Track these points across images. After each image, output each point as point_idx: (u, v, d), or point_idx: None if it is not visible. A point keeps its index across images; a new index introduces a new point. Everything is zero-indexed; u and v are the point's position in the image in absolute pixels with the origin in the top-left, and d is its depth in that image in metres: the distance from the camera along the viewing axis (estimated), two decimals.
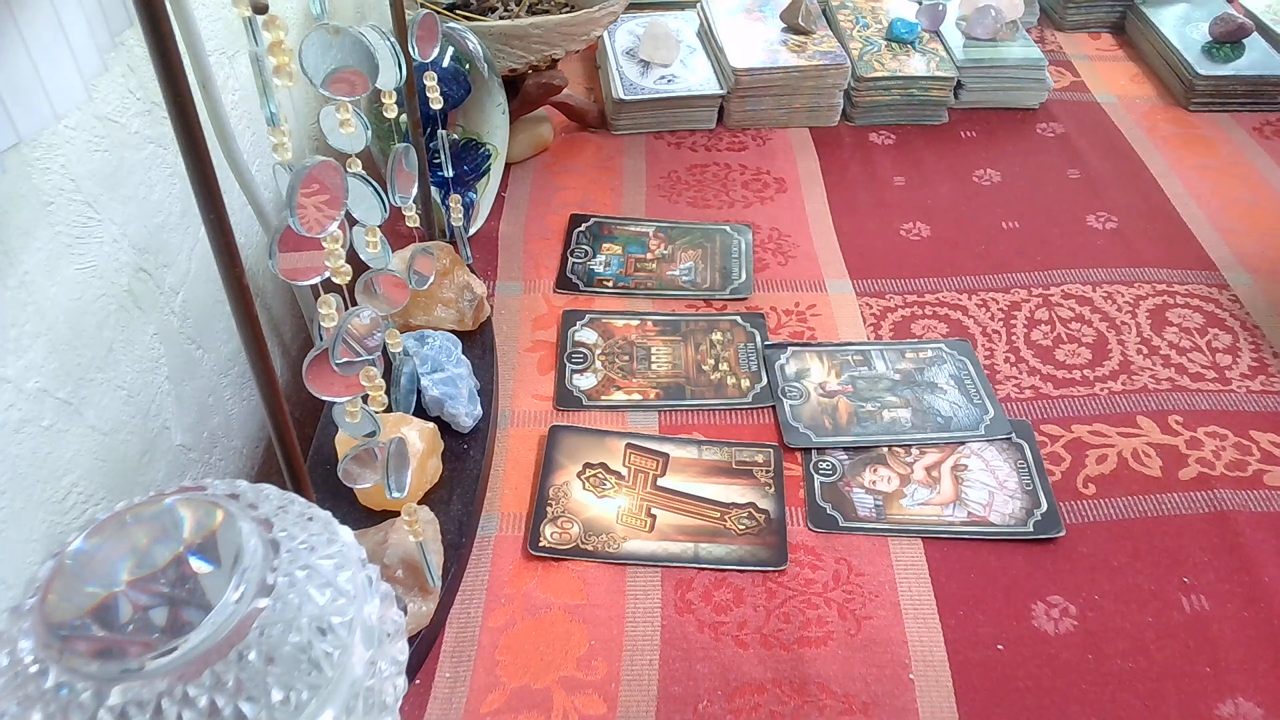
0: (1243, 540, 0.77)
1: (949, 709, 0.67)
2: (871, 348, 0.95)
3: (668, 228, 1.10)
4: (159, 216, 0.71)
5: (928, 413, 0.88)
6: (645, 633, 0.72)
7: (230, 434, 0.83)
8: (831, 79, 1.25)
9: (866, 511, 0.80)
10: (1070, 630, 0.72)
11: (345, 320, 0.56)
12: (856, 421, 0.87)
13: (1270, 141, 1.25)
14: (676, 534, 0.78)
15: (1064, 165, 1.21)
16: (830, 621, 0.72)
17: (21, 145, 0.55)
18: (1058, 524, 0.78)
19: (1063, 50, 1.44)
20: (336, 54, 0.60)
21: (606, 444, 0.85)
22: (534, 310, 0.99)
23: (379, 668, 0.42)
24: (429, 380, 0.83)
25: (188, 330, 0.75)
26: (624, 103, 1.22)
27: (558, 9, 1.21)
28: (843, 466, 0.83)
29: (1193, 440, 0.86)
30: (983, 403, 0.89)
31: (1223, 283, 1.03)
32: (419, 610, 0.70)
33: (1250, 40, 1.32)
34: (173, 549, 0.39)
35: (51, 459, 0.58)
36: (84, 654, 0.36)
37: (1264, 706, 0.67)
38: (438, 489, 0.79)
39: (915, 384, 0.91)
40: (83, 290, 0.61)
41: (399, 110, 0.78)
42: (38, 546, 0.56)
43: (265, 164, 0.86)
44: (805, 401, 0.89)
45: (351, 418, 0.60)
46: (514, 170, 1.18)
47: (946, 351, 0.94)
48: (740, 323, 0.97)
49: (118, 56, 0.65)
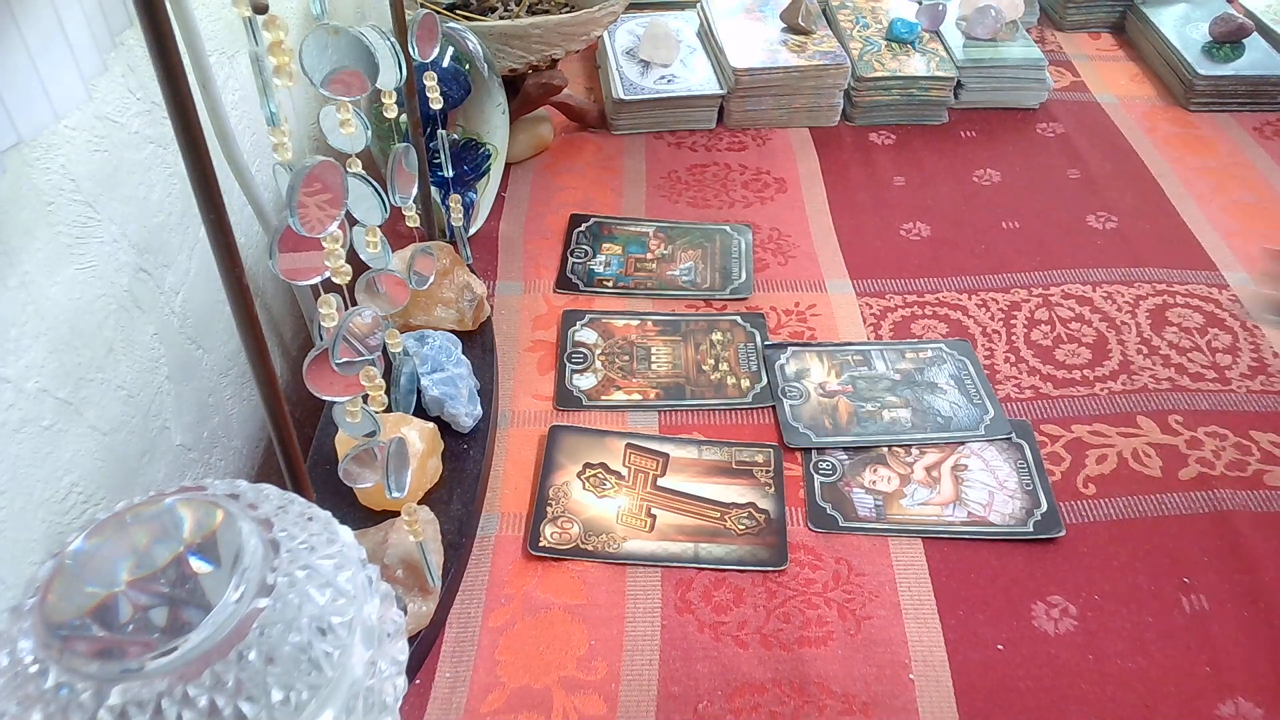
0: (1243, 540, 0.77)
1: (949, 709, 0.67)
2: (871, 348, 0.95)
3: (668, 228, 1.10)
4: (159, 216, 0.71)
5: (928, 413, 0.88)
6: (645, 633, 0.72)
7: (230, 434, 0.83)
8: (831, 79, 1.25)
9: (866, 511, 0.80)
10: (1070, 630, 0.72)
11: (345, 320, 0.56)
12: (857, 421, 0.87)
13: (1270, 141, 1.25)
14: (676, 534, 0.78)
15: (1064, 165, 1.21)
16: (830, 621, 0.72)
17: (21, 145, 0.55)
18: (1058, 524, 0.78)
19: (1063, 50, 1.44)
20: (336, 54, 0.60)
21: (606, 444, 0.85)
22: (534, 310, 0.99)
23: (379, 668, 0.42)
24: (429, 380, 0.83)
25: (188, 330, 0.75)
26: (624, 103, 1.22)
27: (558, 9, 1.21)
28: (843, 466, 0.83)
29: (1193, 440, 0.86)
30: (983, 403, 0.89)
31: (1223, 283, 1.03)
32: (419, 610, 0.70)
33: (1250, 40, 1.32)
34: (173, 549, 0.39)
35: (51, 459, 0.58)
36: (84, 654, 0.36)
37: (1264, 706, 0.67)
38: (438, 489, 0.79)
39: (915, 384, 0.91)
40: (83, 290, 0.61)
41: (399, 110, 0.78)
42: (38, 546, 0.56)
43: (265, 164, 0.86)
44: (805, 401, 0.89)
45: (351, 418, 0.60)
46: (514, 170, 1.18)
47: (946, 351, 0.94)
48: (740, 323, 0.97)
49: (118, 56, 0.65)
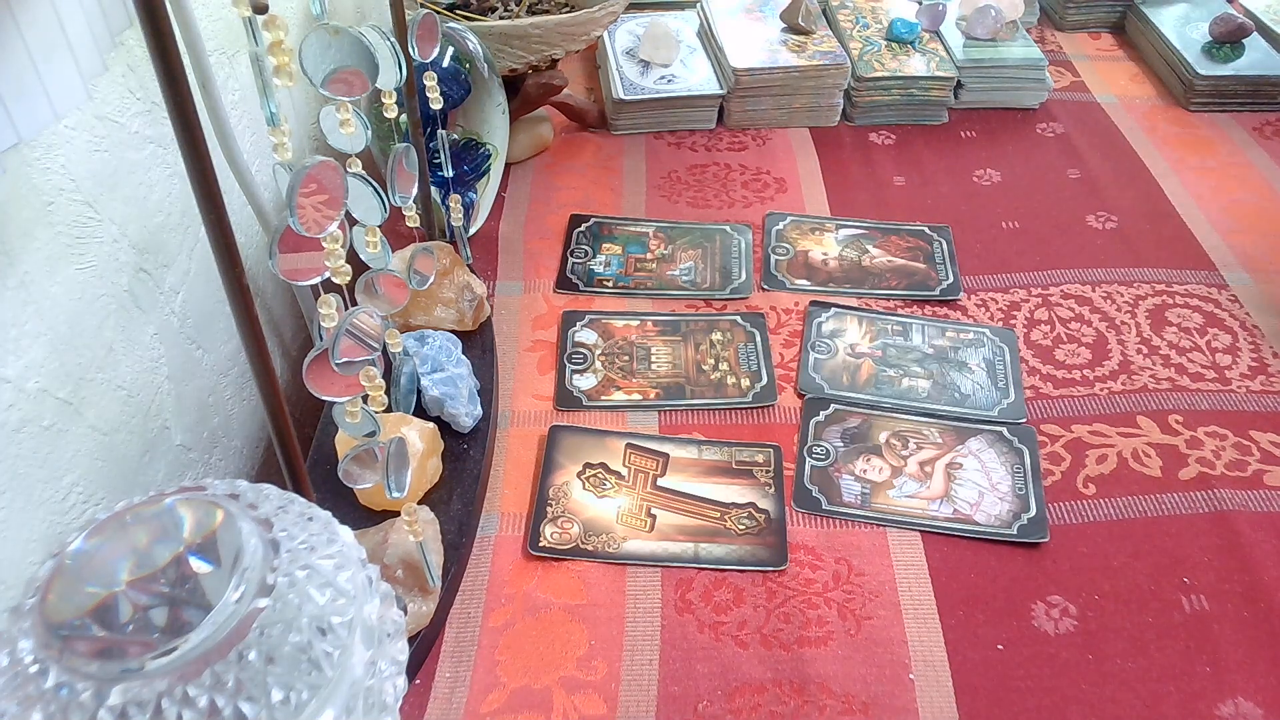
0: (1243, 540, 0.77)
1: (949, 709, 0.67)
2: (913, 320, 0.97)
3: (668, 228, 1.10)
4: (159, 216, 0.71)
5: (948, 387, 0.89)
6: (645, 633, 0.72)
7: (230, 434, 0.83)
8: (831, 79, 1.25)
9: (851, 498, 0.80)
10: (1070, 630, 0.72)
11: (346, 320, 0.56)
12: (874, 384, 0.89)
13: (1270, 141, 1.25)
14: (676, 534, 0.78)
15: (1064, 165, 1.21)
16: (830, 621, 0.72)
17: (21, 145, 0.55)
18: (1043, 530, 0.78)
19: (1063, 50, 1.44)
20: (336, 54, 0.60)
21: (606, 444, 0.85)
22: (534, 310, 0.99)
23: (379, 668, 0.42)
24: (429, 380, 0.83)
25: (188, 330, 0.75)
26: (624, 103, 1.22)
27: (558, 9, 1.21)
28: (836, 453, 0.84)
29: (1193, 440, 0.86)
30: (1006, 388, 0.89)
31: (1222, 283, 1.03)
32: (419, 610, 0.70)
33: (1250, 40, 1.32)
34: (173, 549, 0.39)
35: (51, 459, 0.58)
36: (84, 654, 0.36)
37: (1264, 706, 0.67)
38: (438, 489, 0.79)
39: (945, 360, 0.92)
40: (83, 290, 0.61)
41: (399, 110, 0.78)
42: (38, 546, 0.56)
43: (265, 164, 0.86)
44: (832, 357, 0.91)
45: (351, 418, 0.60)
46: (514, 170, 1.18)
47: (989, 337, 0.95)
48: (740, 323, 0.97)
49: (118, 56, 0.65)
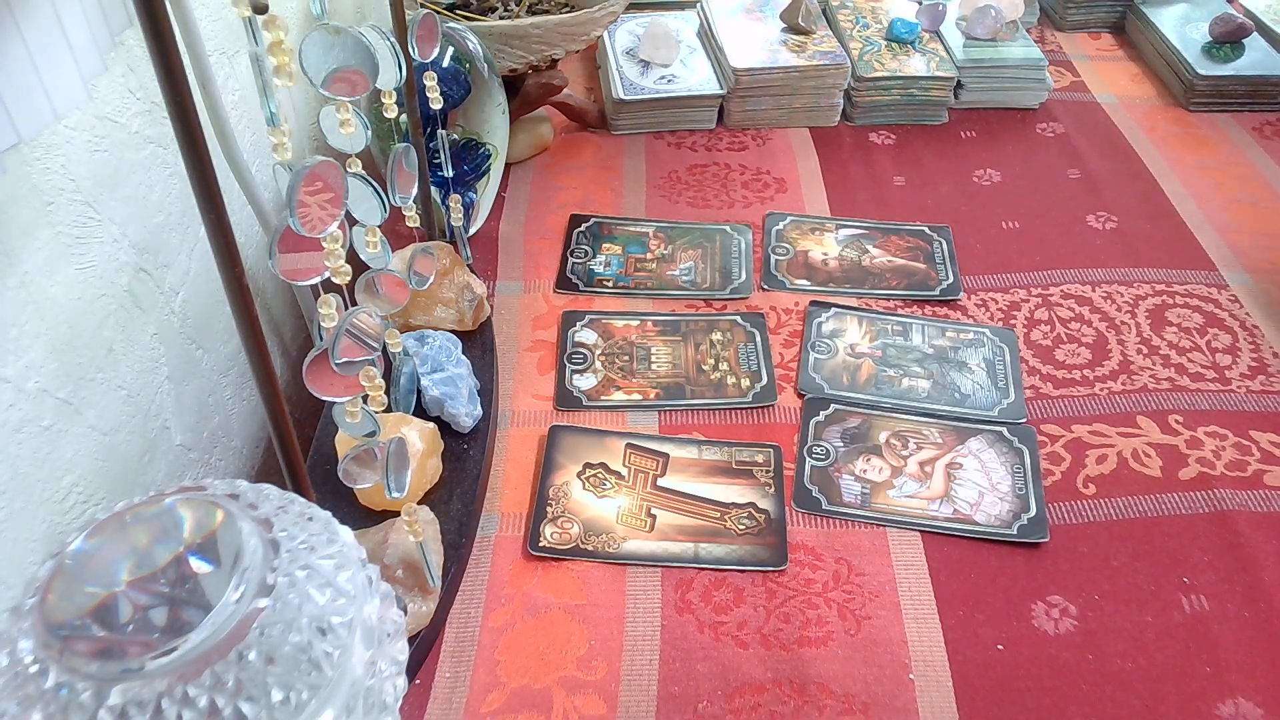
0: (1243, 540, 0.77)
1: (949, 709, 0.67)
2: (913, 320, 0.97)
3: (668, 228, 1.10)
4: (159, 216, 0.71)
5: (948, 387, 0.89)
6: (645, 633, 0.72)
7: (230, 434, 0.83)
8: (831, 79, 1.25)
9: (851, 498, 0.80)
10: (1070, 630, 0.72)
11: (346, 320, 0.56)
12: (874, 384, 0.89)
13: (1270, 141, 1.25)
14: (676, 534, 0.78)
15: (1064, 165, 1.21)
16: (830, 621, 0.72)
17: (21, 145, 0.55)
18: (1043, 530, 0.78)
19: (1063, 50, 1.44)
20: (336, 54, 0.60)
21: (606, 444, 0.85)
22: (534, 310, 0.99)
23: (379, 668, 0.42)
24: (429, 380, 0.83)
25: (188, 330, 0.75)
26: (624, 103, 1.22)
27: (558, 9, 1.21)
28: (836, 453, 0.84)
29: (1193, 440, 0.86)
30: (1006, 388, 0.89)
31: (1222, 283, 1.03)
32: (419, 610, 0.70)
33: (1250, 40, 1.32)
34: (173, 549, 0.39)
35: (51, 459, 0.58)
36: (84, 654, 0.36)
37: (1264, 706, 0.67)
38: (438, 489, 0.79)
39: (945, 360, 0.92)
40: (83, 290, 0.61)
41: (399, 110, 0.78)
42: (38, 546, 0.56)
43: (265, 164, 0.86)
44: (832, 357, 0.91)
45: (351, 418, 0.60)
46: (514, 170, 1.18)
47: (989, 337, 0.95)
48: (740, 323, 0.97)
49: (118, 56, 0.65)
